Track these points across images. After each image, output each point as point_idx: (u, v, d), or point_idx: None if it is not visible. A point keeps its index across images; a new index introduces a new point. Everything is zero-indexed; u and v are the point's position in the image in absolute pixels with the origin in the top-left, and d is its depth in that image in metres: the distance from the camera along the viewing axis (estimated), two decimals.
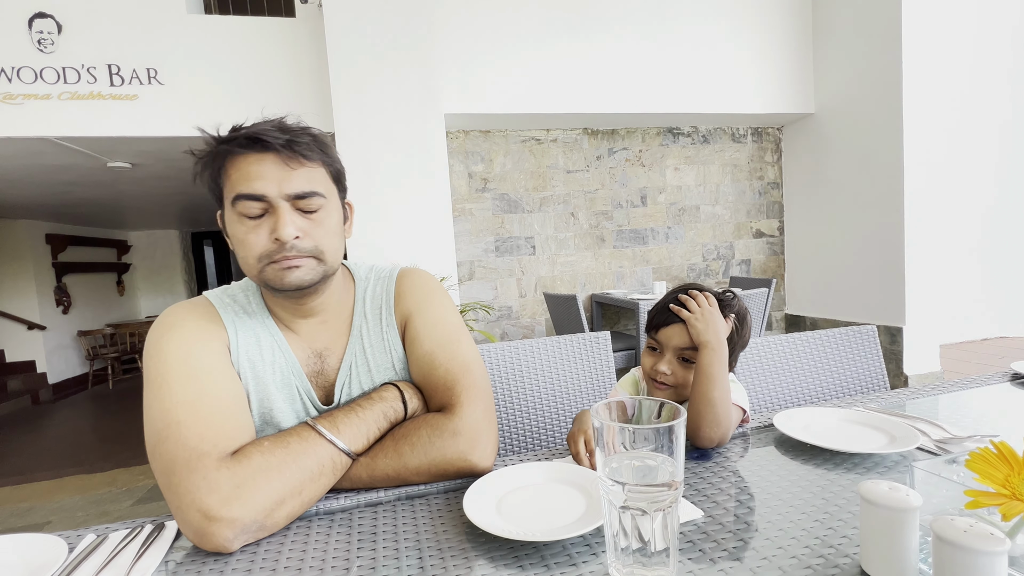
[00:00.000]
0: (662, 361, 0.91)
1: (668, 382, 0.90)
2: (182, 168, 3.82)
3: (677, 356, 0.90)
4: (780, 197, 4.17)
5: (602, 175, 3.78)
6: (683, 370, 0.90)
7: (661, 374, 0.90)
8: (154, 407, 0.66)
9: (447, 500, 0.70)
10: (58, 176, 3.80)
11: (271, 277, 0.71)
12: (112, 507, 2.69)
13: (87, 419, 4.76)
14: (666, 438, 0.48)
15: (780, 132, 4.12)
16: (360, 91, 2.82)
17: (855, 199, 3.51)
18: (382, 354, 0.84)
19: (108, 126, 2.81)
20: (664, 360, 0.90)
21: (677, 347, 0.89)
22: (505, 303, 3.67)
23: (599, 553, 0.56)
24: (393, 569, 0.55)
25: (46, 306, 5.83)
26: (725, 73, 3.58)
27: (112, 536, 0.65)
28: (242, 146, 0.69)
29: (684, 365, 0.89)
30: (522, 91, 3.25)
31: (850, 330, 1.35)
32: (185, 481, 0.61)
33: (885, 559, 0.47)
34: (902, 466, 0.72)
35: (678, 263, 4.00)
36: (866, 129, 3.37)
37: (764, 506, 0.64)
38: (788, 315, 4.23)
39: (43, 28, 2.70)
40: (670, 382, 0.90)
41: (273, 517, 0.63)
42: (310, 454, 0.67)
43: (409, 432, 0.75)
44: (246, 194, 0.69)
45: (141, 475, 3.10)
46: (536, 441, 1.27)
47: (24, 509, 2.76)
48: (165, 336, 0.71)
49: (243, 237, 0.70)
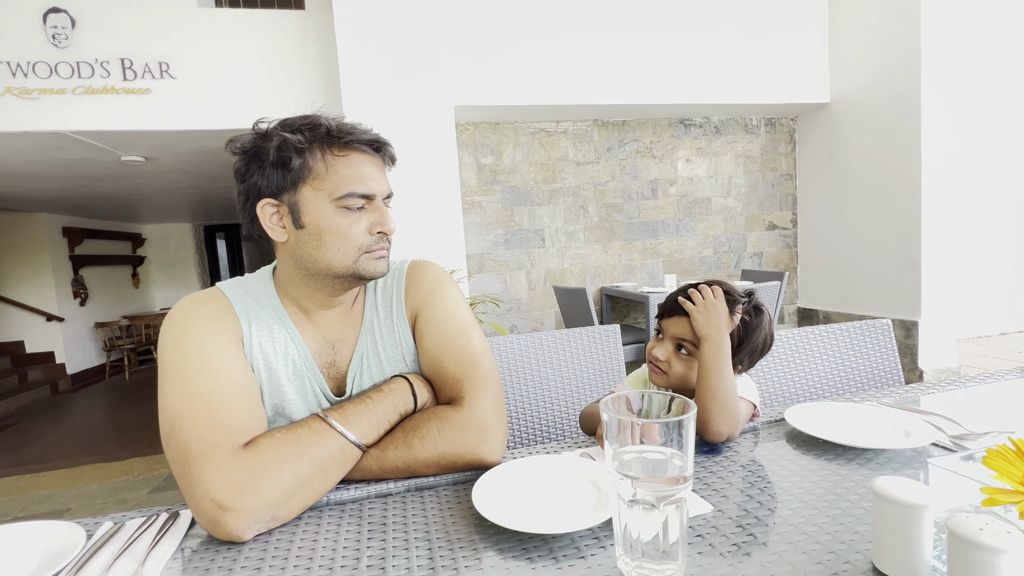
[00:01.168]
0: (659, 347, 0.94)
1: (662, 367, 0.92)
2: (195, 162, 3.85)
3: (675, 344, 0.92)
4: (794, 189, 4.11)
5: (612, 167, 3.76)
6: (679, 361, 0.92)
7: (655, 358, 0.93)
8: (168, 398, 0.67)
9: (456, 492, 0.71)
10: (74, 170, 3.85)
11: (365, 266, 0.76)
12: (129, 495, 2.75)
13: (105, 409, 4.86)
14: (675, 432, 0.47)
15: (794, 122, 4.05)
16: (369, 83, 2.82)
17: (871, 190, 3.45)
18: (393, 346, 0.84)
19: (121, 120, 2.84)
20: (661, 346, 0.93)
21: (675, 336, 0.92)
22: (514, 296, 3.67)
23: (607, 546, 0.56)
24: (403, 559, 0.56)
25: (64, 298, 5.94)
26: (738, 62, 3.52)
27: (128, 524, 0.66)
28: (364, 145, 0.76)
29: (681, 356, 0.92)
30: (532, 82, 3.22)
31: (864, 324, 1.33)
32: (199, 471, 0.62)
33: (898, 556, 0.47)
34: (916, 462, 0.71)
35: (689, 256, 3.97)
36: (883, 119, 3.30)
37: (774, 501, 0.63)
38: (800, 309, 4.19)
39: (57, 23, 2.72)
40: (664, 368, 0.92)
41: (285, 507, 0.64)
42: (321, 445, 0.68)
43: (419, 424, 0.75)
44: (361, 193, 0.74)
45: (157, 464, 3.16)
46: (545, 434, 1.27)
47: (44, 496, 2.83)
48: (179, 327, 0.72)
49: (345, 229, 0.74)
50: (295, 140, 0.72)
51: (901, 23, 3.10)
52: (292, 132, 0.73)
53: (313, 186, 0.73)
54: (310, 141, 0.73)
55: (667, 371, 0.92)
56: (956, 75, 3.09)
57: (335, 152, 0.74)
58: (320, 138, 0.73)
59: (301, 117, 0.76)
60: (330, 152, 0.74)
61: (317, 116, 0.75)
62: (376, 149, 0.78)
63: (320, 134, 0.73)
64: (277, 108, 2.91)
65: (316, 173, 0.73)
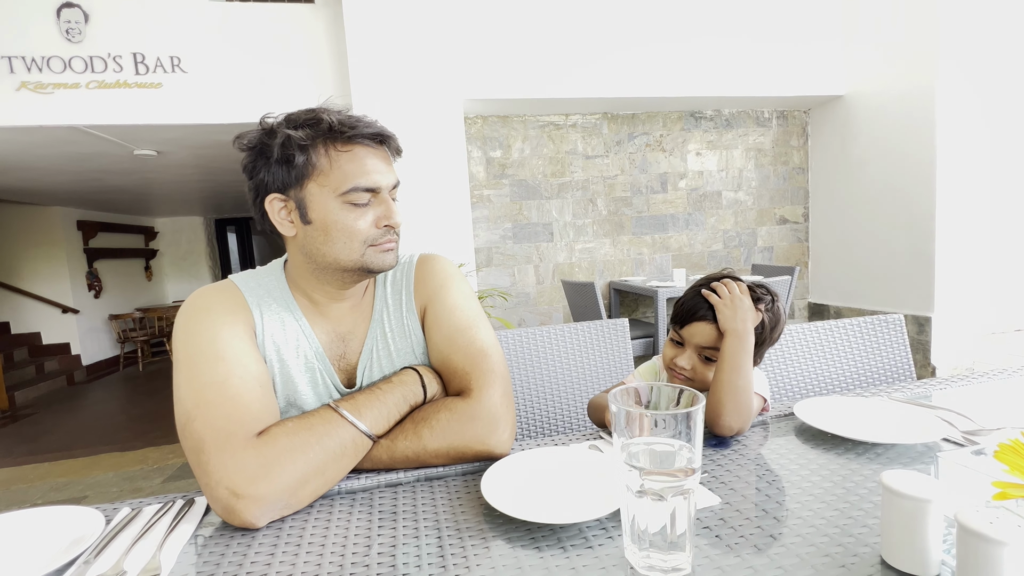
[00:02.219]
0: (683, 356, 0.90)
1: (687, 375, 0.90)
2: (206, 155, 3.88)
3: (699, 354, 0.89)
4: (805, 182, 4.06)
5: (622, 161, 3.73)
6: (703, 367, 0.90)
7: (679, 367, 0.90)
8: (183, 388, 0.68)
9: (465, 482, 0.72)
10: (88, 164, 3.90)
11: (372, 259, 0.77)
12: (144, 484, 2.80)
13: (119, 400, 4.95)
14: (684, 424, 0.48)
15: (807, 115, 4.00)
16: (378, 76, 2.82)
17: (885, 184, 3.40)
18: (402, 339, 0.85)
19: (134, 114, 2.87)
20: (685, 356, 0.90)
21: (699, 345, 0.89)
22: (522, 290, 3.67)
23: (615, 537, 0.56)
24: (413, 548, 0.57)
25: (79, 290, 6.03)
26: (750, 54, 3.47)
27: (146, 510, 0.68)
28: (368, 138, 0.75)
29: (705, 364, 0.89)
30: (541, 75, 3.21)
31: (875, 319, 1.32)
32: (214, 460, 0.63)
33: (907, 549, 0.47)
34: (927, 457, 0.71)
35: (698, 250, 3.94)
36: (898, 111, 3.25)
37: (783, 494, 0.63)
38: (811, 303, 4.15)
39: (70, 18, 2.75)
40: (689, 375, 0.90)
41: (297, 495, 0.65)
42: (333, 435, 0.69)
43: (428, 415, 0.76)
44: (365, 187, 0.74)
45: (171, 454, 3.22)
46: (553, 427, 1.28)
47: (62, 484, 2.89)
48: (193, 319, 0.73)
49: (352, 223, 0.74)
50: (298, 137, 0.72)
51: (919, 14, 3.04)
52: (295, 128, 0.73)
53: (318, 182, 0.73)
54: (313, 137, 0.73)
55: (692, 378, 0.89)
56: (974, 67, 3.03)
57: (339, 147, 0.74)
58: (323, 133, 0.73)
59: (305, 111, 0.75)
60: (334, 147, 0.74)
61: (320, 110, 0.75)
62: (380, 142, 0.77)
63: (323, 129, 0.73)
64: (287, 101, 2.93)
65: (320, 169, 0.73)
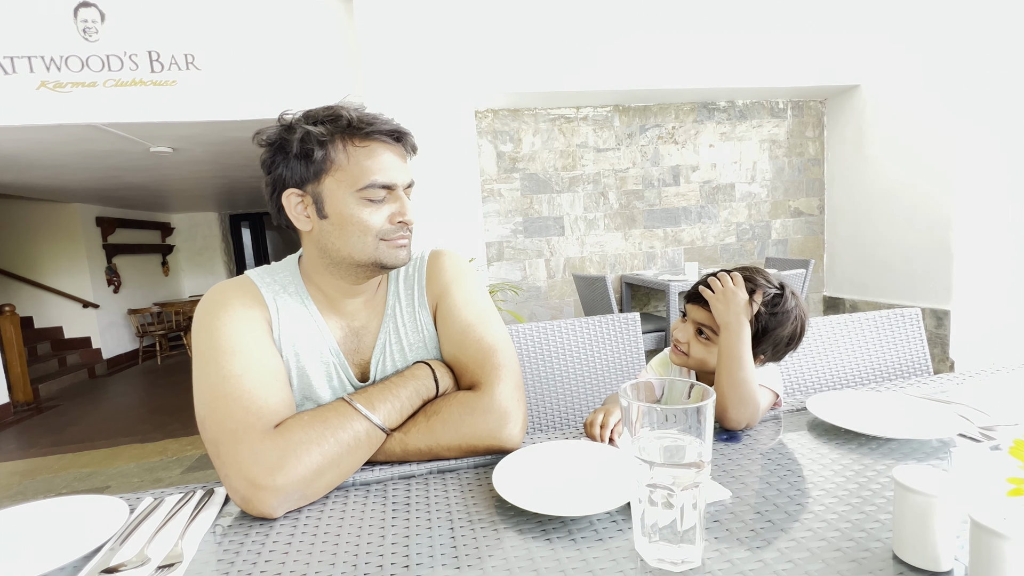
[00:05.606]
0: (682, 328, 0.97)
1: (682, 348, 0.96)
2: (220, 152, 3.93)
3: (695, 328, 0.95)
4: (821, 174, 4.00)
5: (633, 153, 3.70)
6: (699, 344, 0.94)
7: (675, 339, 0.97)
8: (203, 381, 0.70)
9: (477, 475, 0.73)
10: (105, 161, 3.97)
11: (386, 255, 0.78)
12: (164, 474, 2.87)
13: (139, 392, 5.06)
14: (694, 418, 0.48)
15: (823, 105, 3.93)
16: (389, 71, 2.83)
17: (903, 175, 3.33)
18: (415, 333, 0.86)
19: (149, 112, 2.91)
20: (683, 328, 0.97)
21: (696, 320, 0.95)
22: (534, 284, 3.67)
23: (625, 529, 0.57)
24: (426, 539, 0.58)
25: (98, 285, 6.16)
26: (764, 43, 3.41)
27: (167, 499, 0.70)
28: (385, 135, 0.77)
29: (700, 339, 0.94)
30: (551, 67, 3.18)
31: (892, 313, 1.30)
32: (232, 451, 0.65)
33: (919, 544, 0.47)
34: (941, 452, 0.70)
35: (711, 244, 3.90)
36: (917, 101, 3.18)
37: (794, 488, 0.63)
38: (827, 297, 4.09)
39: (87, 17, 2.79)
40: (684, 349, 0.95)
41: (313, 486, 0.66)
42: (347, 428, 0.70)
43: (441, 409, 0.77)
44: (382, 183, 0.75)
45: (189, 445, 3.29)
46: (565, 421, 1.29)
47: (85, 474, 2.97)
48: (212, 314, 0.75)
49: (366, 219, 0.76)
50: (317, 132, 0.74)
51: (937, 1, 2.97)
52: (315, 124, 0.75)
53: (336, 177, 0.75)
54: (332, 133, 0.74)
55: (687, 352, 0.95)
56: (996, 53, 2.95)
57: (356, 143, 0.75)
58: (341, 129, 0.75)
59: (323, 108, 0.77)
60: (351, 143, 0.75)
61: (339, 107, 0.77)
62: (397, 139, 0.79)
63: (341, 125, 0.75)
64: (300, 98, 2.95)
65: (338, 164, 0.75)
